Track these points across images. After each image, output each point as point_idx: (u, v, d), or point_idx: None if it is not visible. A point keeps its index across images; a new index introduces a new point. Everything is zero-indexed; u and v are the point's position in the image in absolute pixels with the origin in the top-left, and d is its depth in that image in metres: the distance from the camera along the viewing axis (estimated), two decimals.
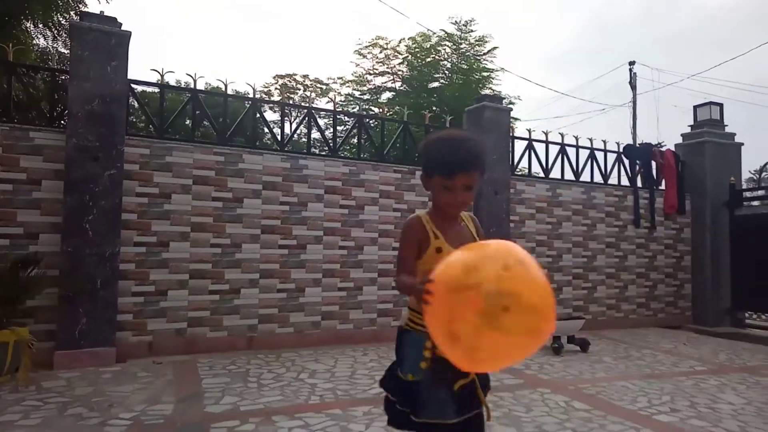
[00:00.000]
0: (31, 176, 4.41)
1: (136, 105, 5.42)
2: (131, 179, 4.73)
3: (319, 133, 6.02)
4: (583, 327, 5.59)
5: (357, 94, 16.62)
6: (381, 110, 9.11)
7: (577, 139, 7.23)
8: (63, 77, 5.19)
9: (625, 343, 6.05)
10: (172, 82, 12.47)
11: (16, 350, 3.75)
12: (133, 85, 4.95)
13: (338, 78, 20.23)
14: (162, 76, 5.12)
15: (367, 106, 15.94)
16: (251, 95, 5.75)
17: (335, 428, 2.98)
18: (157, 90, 5.37)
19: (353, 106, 16.06)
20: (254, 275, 5.21)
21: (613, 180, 7.53)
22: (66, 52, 10.25)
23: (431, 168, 1.78)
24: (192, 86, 5.32)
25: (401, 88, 16.04)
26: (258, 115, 5.69)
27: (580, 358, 5.09)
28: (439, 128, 6.92)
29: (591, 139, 7.34)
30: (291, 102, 19.25)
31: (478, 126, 6.46)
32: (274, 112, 11.46)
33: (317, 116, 6.13)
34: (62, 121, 4.89)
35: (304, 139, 6.17)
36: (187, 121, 6.06)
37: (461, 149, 1.74)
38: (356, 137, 6.40)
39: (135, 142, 4.82)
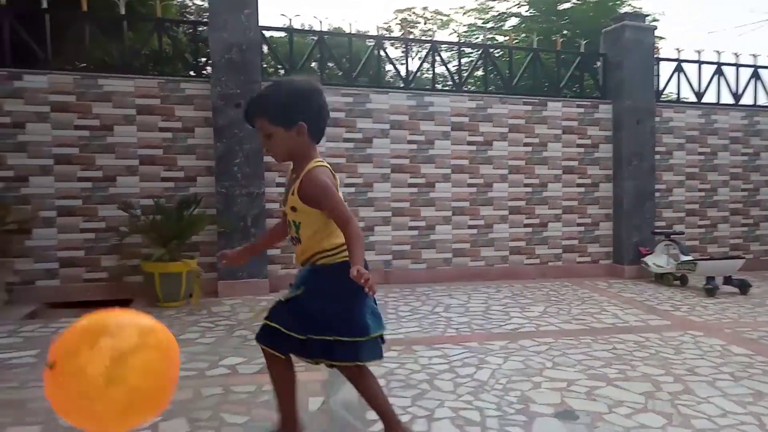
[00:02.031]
0: (185, 124, 4.84)
1: (266, 51, 5.64)
2: None
3: (444, 68, 5.87)
4: (742, 267, 5.09)
5: (480, 23, 15.87)
6: (507, 39, 8.66)
7: (737, 56, 6.35)
8: (201, 29, 5.54)
9: None
10: (297, 26, 12.79)
11: (189, 279, 4.28)
12: (264, 32, 5.16)
13: (459, 8, 19.43)
14: (290, 20, 5.27)
15: (491, 36, 15.23)
16: (373, 33, 5.73)
17: (473, 359, 3.07)
18: (284, 35, 5.53)
19: (476, 36, 15.42)
20: (386, 213, 5.37)
21: None
22: (202, 3, 10.89)
23: None
24: (318, 29, 5.41)
25: (527, 12, 15.02)
26: (381, 53, 5.67)
27: (738, 301, 4.68)
28: (572, 54, 6.45)
29: (755, 56, 6.40)
30: (413, 37, 18.97)
31: (617, 48, 5.92)
32: (396, 48, 11.31)
33: (440, 50, 5.97)
34: (204, 71, 5.25)
35: (426, 75, 6.06)
36: (313, 64, 6.20)
37: (247, 105, 1.90)
38: (482, 69, 6.18)
39: None
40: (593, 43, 7.14)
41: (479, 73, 7.95)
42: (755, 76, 6.44)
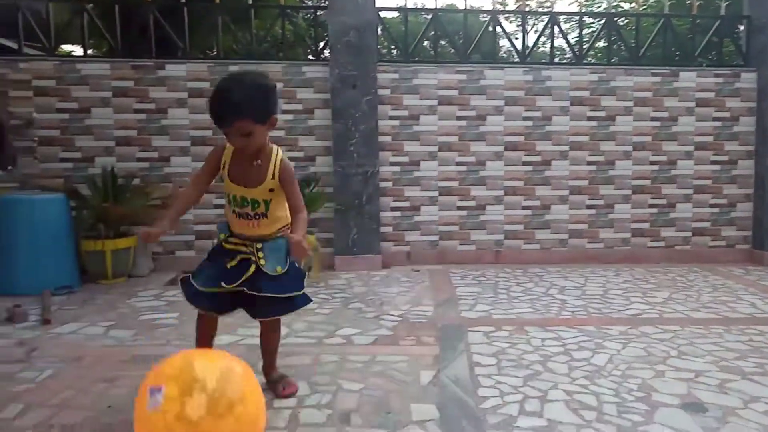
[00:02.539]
0: (305, 106, 5.08)
1: (381, 32, 5.72)
2: (384, 103, 5.11)
3: (563, 40, 5.59)
4: None
5: None
6: (633, 5, 8.03)
7: None
8: (320, 13, 5.74)
9: None
10: (410, 5, 12.80)
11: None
12: (379, 13, 5.23)
13: None
14: (404, 1, 5.30)
15: (615, 3, 14.20)
16: (487, 8, 5.59)
17: (590, 344, 2.97)
18: (398, 14, 5.57)
19: (599, 4, 14.47)
20: (499, 192, 5.29)
21: None
22: None
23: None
24: (432, 6, 5.39)
25: None
26: (496, 27, 5.52)
27: None
28: (710, 18, 5.85)
29: None
30: (530, 9, 18.20)
31: (766, 9, 5.27)
32: (511, 22, 10.92)
33: (559, 21, 5.69)
34: (322, 55, 5.45)
35: (542, 49, 5.80)
36: (425, 43, 6.19)
37: (217, 102, 2.00)
38: (604, 40, 5.81)
39: (385, 67, 5.15)
40: (736, 5, 6.42)
41: (601, 44, 7.46)
42: None
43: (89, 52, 5.27)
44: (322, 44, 5.99)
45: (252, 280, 2.16)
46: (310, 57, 5.50)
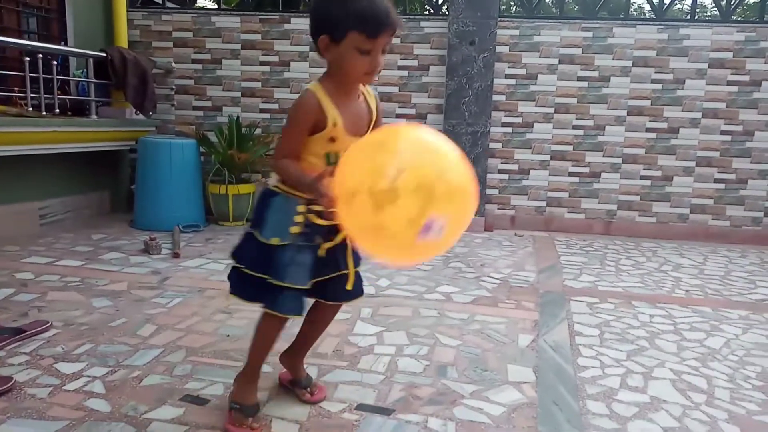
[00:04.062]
0: (421, 62, 5.06)
1: None
2: (501, 61, 4.96)
3: None
4: None
5: None
6: None
7: None
8: None
9: None
10: None
11: None
12: None
13: None
14: None
15: None
16: None
17: (704, 325, 2.81)
18: None
19: None
20: (617, 159, 5.00)
21: None
22: None
23: (347, 24, 1.46)
24: None
25: None
26: None
27: None
28: None
29: None
30: None
31: None
32: None
33: None
34: (442, 9, 5.34)
35: (679, 5, 5.26)
36: None
37: (385, 3, 1.48)
38: None
39: (506, 23, 4.97)
40: None
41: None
42: None
43: (221, 5, 5.56)
44: None
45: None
46: (429, 11, 5.43)
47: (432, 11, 5.35)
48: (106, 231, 4.32)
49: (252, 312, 2.68)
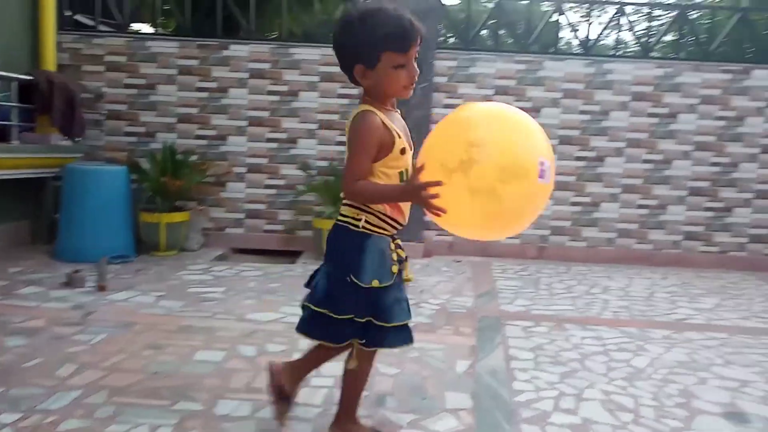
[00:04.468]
0: (361, 91, 5.10)
1: (442, 18, 5.68)
2: (439, 91, 5.09)
3: (629, 32, 5.41)
4: None
5: None
6: None
7: None
8: None
9: None
10: None
11: None
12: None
13: None
14: None
15: None
16: None
17: (631, 345, 2.93)
18: (458, 2, 5.52)
19: None
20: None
21: None
22: None
23: (378, 47, 1.54)
24: None
25: None
26: (559, 18, 5.39)
27: None
28: None
29: None
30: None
31: None
32: (575, 12, 10.61)
33: (627, 13, 5.49)
34: None
35: (604, 41, 5.62)
36: (483, 32, 6.11)
37: (403, 15, 1.55)
38: (674, 34, 5.57)
39: (444, 55, 5.12)
40: None
41: (669, 37, 7.16)
42: None
43: (158, 30, 5.46)
44: None
45: None
46: None
47: None
48: (24, 264, 4.05)
49: (183, 346, 2.59)
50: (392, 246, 1.67)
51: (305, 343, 2.67)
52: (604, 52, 6.11)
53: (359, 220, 1.63)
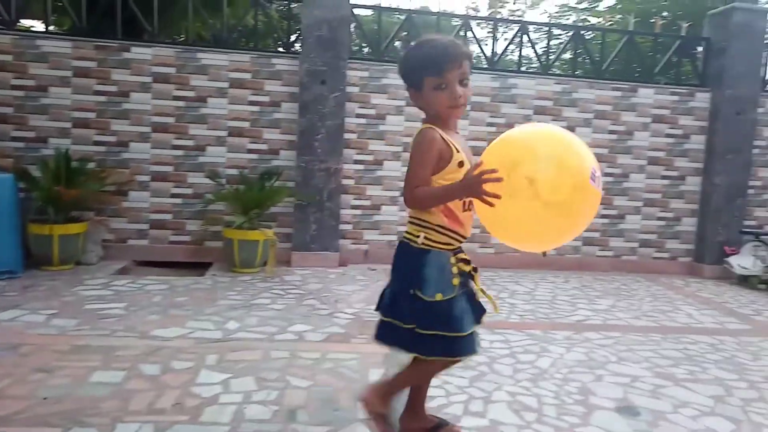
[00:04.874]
0: (273, 99, 5.04)
1: (355, 29, 5.72)
2: (352, 101, 5.12)
3: (531, 49, 5.72)
4: None
5: (573, 2, 15.20)
6: (600, 20, 8.26)
7: None
8: (294, 5, 5.69)
9: None
10: (385, 5, 12.81)
11: (265, 248, 4.52)
12: (353, 10, 5.24)
13: None
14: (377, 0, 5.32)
15: (584, 17, 14.55)
16: (460, 13, 5.67)
17: (535, 347, 3.07)
18: (372, 13, 5.59)
19: (568, 17, 14.80)
20: None
21: None
22: None
23: (418, 73, 1.72)
24: (406, 7, 5.42)
25: None
26: (468, 32, 5.60)
27: None
28: (671, 38, 6.07)
29: None
30: (501, 17, 18.50)
31: (724, 32, 5.51)
32: (482, 28, 11.07)
33: (529, 31, 5.81)
34: (293, 47, 5.40)
35: (511, 57, 5.90)
36: (396, 43, 6.22)
37: (442, 42, 1.72)
38: (571, 52, 5.96)
39: (356, 65, 5.16)
40: (695, 27, 6.68)
41: (567, 55, 7.66)
42: None
43: (51, 28, 5.07)
44: (293, 37, 5.94)
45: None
46: (281, 49, 5.45)
47: (284, 49, 5.38)
48: None
49: (78, 368, 2.40)
50: (452, 260, 1.76)
51: (213, 358, 2.59)
52: (509, 67, 6.41)
53: (418, 236, 1.75)
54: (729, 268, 5.24)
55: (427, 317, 1.72)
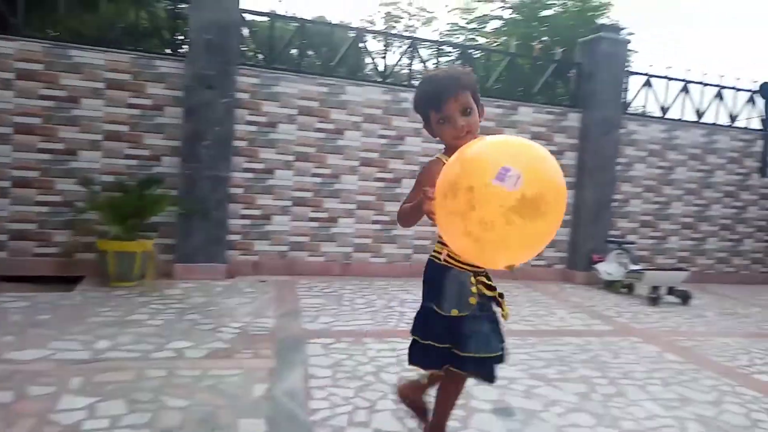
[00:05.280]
0: (155, 102, 4.77)
1: (246, 34, 5.58)
2: (242, 108, 4.98)
3: (422, 65, 5.92)
4: (687, 279, 5.30)
5: (463, 23, 15.97)
6: (487, 41, 8.75)
7: (704, 75, 6.55)
8: (182, 6, 5.45)
9: (732, 299, 5.69)
10: (282, 12, 12.63)
11: (143, 260, 4.25)
12: (244, 15, 5.12)
13: (444, 6, 19.50)
14: (272, 6, 5.23)
15: (472, 36, 15.33)
16: (355, 25, 5.75)
17: None
18: (266, 19, 5.48)
19: (458, 36, 15.51)
20: (351, 206, 5.40)
21: (742, 123, 6.83)
22: None
23: (423, 109, 1.82)
24: (300, 16, 5.40)
25: (510, 16, 15.16)
26: (361, 45, 5.69)
27: (678, 311, 4.87)
28: (547, 61, 6.56)
29: (721, 76, 6.62)
30: (394, 32, 18.98)
31: (592, 59, 6.05)
32: (379, 41, 11.32)
33: (419, 47, 6.01)
34: (180, 50, 5.17)
35: (406, 71, 6.07)
36: (293, 51, 6.18)
37: (439, 77, 1.81)
38: None
39: (246, 71, 5.03)
40: (570, 52, 7.27)
41: None
42: (718, 95, 6.66)
43: None
44: (180, 39, 5.67)
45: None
46: (166, 51, 5.19)
47: (168, 51, 5.12)
48: None
49: None
50: (473, 280, 1.80)
51: (77, 381, 2.37)
52: (401, 81, 6.59)
53: (441, 253, 1.83)
54: (597, 274, 5.72)
55: (440, 331, 1.83)
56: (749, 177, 6.82)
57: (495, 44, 12.51)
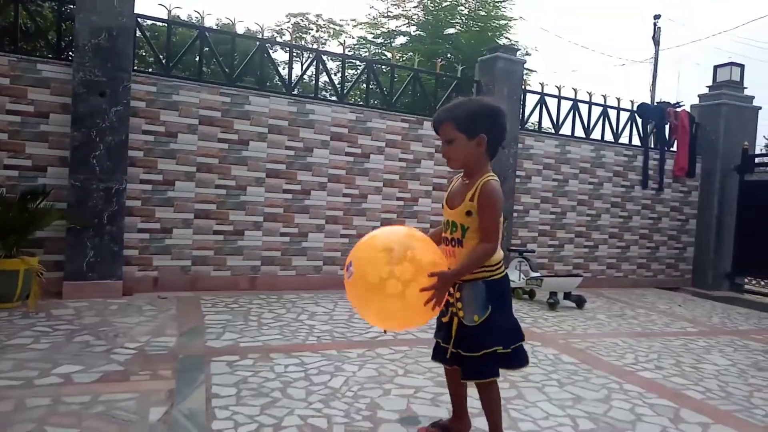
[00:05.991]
0: (38, 109, 4.42)
1: (143, 41, 5.32)
2: (137, 116, 4.73)
3: (327, 78, 5.93)
4: (581, 284, 5.68)
5: (370, 37, 16.25)
6: (392, 56, 8.94)
7: (590, 95, 7.09)
8: (70, 7, 5.11)
9: (621, 302, 6.15)
10: (181, 18, 12.20)
11: (26, 278, 3.89)
12: (139, 20, 4.88)
13: (352, 20, 19.75)
14: (169, 11, 5.03)
15: (379, 51, 15.62)
16: (260, 34, 5.66)
17: (329, 367, 3.11)
18: (164, 25, 5.26)
19: (364, 50, 15.74)
20: (258, 218, 5.28)
21: (624, 139, 7.46)
22: None
23: None
24: (200, 23, 5.22)
25: (416, 33, 15.63)
26: (266, 55, 5.61)
27: (574, 315, 5.20)
28: (450, 78, 6.81)
29: (605, 96, 7.20)
30: (300, 43, 18.90)
31: (490, 77, 6.35)
32: (286, 52, 11.30)
33: (326, 60, 6.03)
34: (69, 54, 4.84)
35: (314, 83, 6.07)
36: (195, 59, 5.97)
37: (437, 113, 2.13)
38: (365, 83, 6.32)
39: (142, 79, 4.79)
40: (470, 69, 7.61)
41: (363, 86, 8.10)
42: (604, 114, 7.24)
43: None
44: (66, 42, 5.28)
45: (458, 333, 2.13)
46: (50, 54, 4.82)
47: (54, 55, 4.76)
48: None
49: None
50: (451, 290, 2.11)
51: None
52: (309, 92, 6.56)
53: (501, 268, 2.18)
54: None
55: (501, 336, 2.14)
56: (633, 189, 7.44)
57: (402, 60, 12.82)
